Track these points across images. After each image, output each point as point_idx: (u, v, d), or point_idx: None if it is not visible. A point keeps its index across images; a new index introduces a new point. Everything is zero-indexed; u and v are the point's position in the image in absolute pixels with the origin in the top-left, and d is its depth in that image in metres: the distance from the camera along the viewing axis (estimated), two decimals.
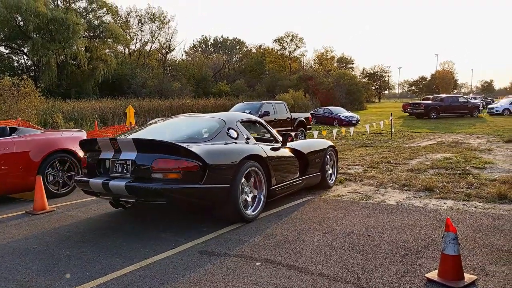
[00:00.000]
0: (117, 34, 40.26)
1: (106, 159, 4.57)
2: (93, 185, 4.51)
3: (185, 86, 43.96)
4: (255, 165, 4.78)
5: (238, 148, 4.78)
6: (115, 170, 4.46)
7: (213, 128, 5.02)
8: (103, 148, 4.61)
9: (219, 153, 4.51)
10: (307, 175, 6.02)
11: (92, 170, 4.74)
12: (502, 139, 13.55)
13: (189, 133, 5.01)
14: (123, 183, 4.19)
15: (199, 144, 4.50)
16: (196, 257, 3.72)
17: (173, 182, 4.11)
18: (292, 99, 38.23)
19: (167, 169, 4.15)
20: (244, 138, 5.14)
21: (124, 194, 4.27)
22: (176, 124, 5.62)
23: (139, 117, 26.29)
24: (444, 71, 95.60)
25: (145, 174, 4.24)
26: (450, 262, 2.98)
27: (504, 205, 5.28)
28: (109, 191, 4.36)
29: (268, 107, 15.42)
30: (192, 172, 4.15)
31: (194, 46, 69.37)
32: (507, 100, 31.49)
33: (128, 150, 4.37)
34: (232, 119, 5.30)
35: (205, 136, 4.90)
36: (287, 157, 5.58)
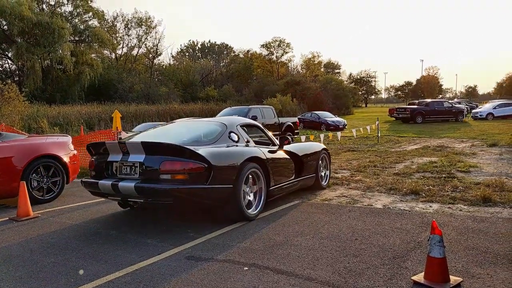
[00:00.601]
0: (103, 39, 39.97)
1: (114, 161, 4.73)
2: (102, 186, 4.67)
3: (172, 90, 43.81)
4: (255, 166, 5.00)
5: (240, 150, 4.98)
6: (123, 172, 4.64)
7: (215, 132, 5.23)
8: (111, 151, 4.78)
9: (223, 155, 4.72)
10: (302, 177, 6.25)
11: (99, 172, 4.91)
12: (486, 143, 13.78)
13: (193, 136, 5.16)
14: (132, 184, 4.36)
15: (204, 147, 4.69)
16: (183, 262, 3.69)
17: (180, 183, 4.29)
18: (280, 104, 38.35)
19: (174, 171, 4.33)
20: (244, 141, 5.37)
21: (133, 195, 4.42)
22: (179, 128, 5.80)
23: (125, 122, 26.08)
24: (429, 76, 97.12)
25: (153, 176, 4.41)
26: (436, 265, 3.01)
27: (488, 208, 5.36)
28: (119, 192, 4.51)
29: (256, 111, 15.46)
30: (198, 173, 4.34)
31: (181, 51, 69.29)
32: (491, 105, 32.11)
33: (137, 153, 4.54)
34: (232, 123, 5.53)
35: (208, 139, 5.06)
36: (284, 160, 5.78)
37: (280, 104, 38.09)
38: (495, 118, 29.06)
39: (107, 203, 6.45)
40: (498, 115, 29.40)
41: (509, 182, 6.86)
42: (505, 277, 3.18)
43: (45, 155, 6.64)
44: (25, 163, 6.36)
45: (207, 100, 40.94)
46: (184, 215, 5.40)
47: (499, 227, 4.46)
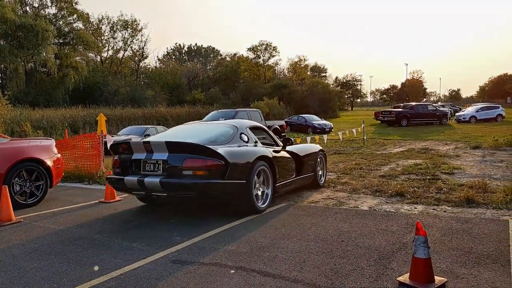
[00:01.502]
0: (88, 41, 39.58)
1: (138, 159, 5.13)
2: (128, 182, 5.06)
3: (158, 94, 43.55)
4: (264, 164, 5.49)
5: (251, 150, 5.47)
6: (147, 168, 5.06)
7: (228, 133, 5.70)
8: (135, 150, 5.22)
9: (238, 154, 5.18)
10: (302, 175, 6.67)
11: (124, 169, 5.32)
12: (469, 145, 14.03)
13: (208, 137, 5.57)
14: (158, 179, 4.79)
15: (220, 146, 5.14)
16: (169, 266, 3.65)
17: (200, 178, 4.75)
18: (267, 107, 38.46)
19: (195, 167, 4.79)
20: (253, 141, 5.85)
21: (157, 189, 4.87)
22: (194, 129, 6.28)
23: (111, 125, 25.81)
24: (414, 80, 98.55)
25: (175, 172, 4.85)
26: (421, 265, 3.03)
27: (471, 209, 5.44)
28: (144, 187, 4.94)
29: (243, 115, 15.45)
30: (217, 170, 4.81)
31: (167, 54, 69.02)
32: (474, 108, 32.73)
33: (160, 151, 4.98)
34: (242, 125, 6.07)
35: (222, 140, 5.51)
36: (287, 159, 6.25)
37: (267, 107, 38.21)
38: (478, 121, 29.61)
39: (92, 207, 6.36)
40: (481, 118, 29.98)
41: (492, 183, 6.98)
42: (489, 277, 3.22)
43: (27, 158, 6.52)
44: (7, 167, 6.23)
45: (193, 103, 40.79)
46: (170, 219, 5.36)
47: (483, 228, 4.53)
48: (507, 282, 3.12)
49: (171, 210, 5.97)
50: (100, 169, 9.03)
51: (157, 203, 6.40)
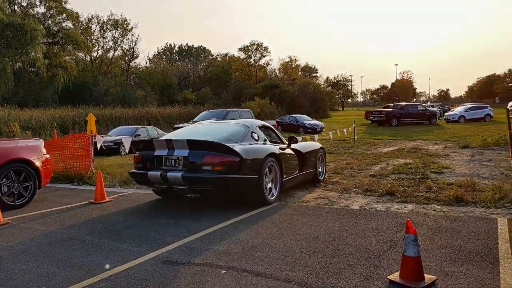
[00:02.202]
0: (77, 41, 39.18)
1: (160, 155, 5.52)
2: (151, 176, 5.49)
3: (149, 94, 43.27)
4: (273, 160, 5.93)
5: (262, 147, 5.96)
6: (168, 164, 5.48)
7: (241, 132, 6.13)
8: (157, 147, 5.62)
9: (251, 151, 5.61)
10: (304, 171, 7.06)
11: (146, 165, 5.72)
12: (458, 145, 14.18)
13: (224, 135, 5.98)
14: (180, 174, 5.25)
15: (235, 144, 5.58)
16: (159, 267, 3.62)
17: (218, 173, 5.20)
18: (258, 107, 38.47)
19: (214, 163, 5.23)
20: (262, 139, 6.32)
21: (179, 183, 5.31)
22: (209, 128, 6.66)
23: (100, 126, 25.59)
24: (404, 80, 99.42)
25: (196, 167, 5.28)
26: (411, 264, 3.05)
27: (461, 208, 5.49)
28: (166, 181, 5.38)
29: (234, 115, 15.45)
30: (233, 165, 5.26)
31: (158, 54, 68.63)
32: (463, 108, 33.10)
33: (181, 148, 5.40)
34: (253, 125, 6.52)
35: (236, 138, 5.92)
36: (292, 156, 6.69)
37: (259, 107, 38.22)
38: (466, 121, 29.95)
39: (81, 208, 6.30)
40: (470, 117, 30.33)
41: (481, 182, 7.06)
42: (478, 274, 3.25)
43: (15, 159, 6.42)
44: None
45: (185, 103, 40.65)
46: (160, 219, 5.33)
47: (471, 226, 4.58)
48: (495, 279, 3.15)
49: (162, 210, 5.94)
50: (90, 169, 8.95)
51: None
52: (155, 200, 6.71)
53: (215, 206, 6.08)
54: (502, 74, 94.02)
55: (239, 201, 5.94)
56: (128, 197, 7.08)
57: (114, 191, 7.68)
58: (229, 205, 6.05)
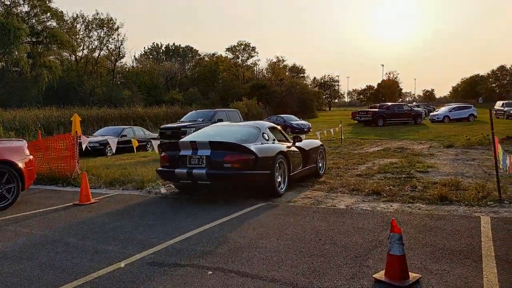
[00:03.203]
0: (62, 40, 38.66)
1: (185, 155, 6.20)
2: (178, 173, 6.18)
3: (135, 94, 42.91)
4: (282, 157, 6.59)
5: (273, 146, 6.68)
6: (192, 162, 6.15)
7: (254, 133, 6.84)
8: (182, 147, 6.31)
9: (264, 150, 6.32)
10: (307, 167, 7.71)
11: (171, 163, 6.37)
12: (443, 144, 14.39)
13: (240, 136, 6.67)
14: (204, 171, 5.96)
15: (250, 144, 6.26)
16: (145, 268, 3.59)
17: (237, 169, 5.92)
18: (246, 107, 38.47)
19: (233, 161, 5.93)
20: (272, 139, 7.02)
21: (203, 178, 6.00)
22: (224, 130, 7.38)
23: (86, 126, 25.29)
24: (390, 81, 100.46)
25: (217, 165, 5.99)
26: (395, 262, 3.08)
27: (445, 206, 5.57)
28: (192, 177, 6.07)
29: (222, 115, 15.37)
30: (249, 163, 5.96)
31: (145, 54, 67.99)
32: (447, 108, 33.60)
33: (204, 149, 6.11)
34: (263, 126, 7.26)
35: (250, 138, 6.63)
36: (297, 153, 7.36)
37: (246, 108, 38.22)
38: (451, 121, 30.41)
39: (66, 210, 6.20)
40: (454, 117, 30.81)
41: (464, 181, 7.17)
42: (461, 272, 3.30)
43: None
44: None
45: (172, 103, 40.38)
46: (147, 220, 5.29)
47: (455, 224, 4.65)
48: (478, 277, 3.20)
49: (148, 212, 5.89)
50: (75, 170, 8.82)
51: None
52: (141, 202, 6.65)
53: (202, 207, 6.06)
54: (485, 75, 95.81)
55: (231, 198, 6.40)
56: (114, 199, 7.01)
57: (100, 192, 7.59)
58: (216, 206, 6.04)
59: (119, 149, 15.21)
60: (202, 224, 4.99)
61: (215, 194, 6.96)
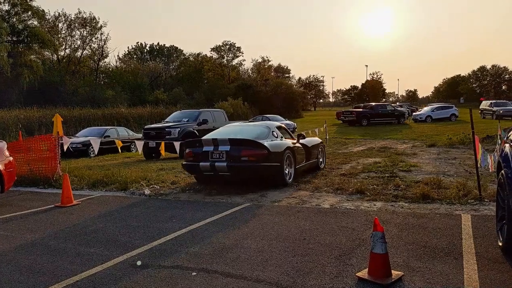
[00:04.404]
0: (44, 39, 37.97)
1: (207, 151, 7.05)
2: (202, 166, 7.01)
3: (119, 94, 42.38)
4: (289, 152, 7.50)
5: (281, 142, 7.60)
6: (214, 157, 7.00)
7: (265, 132, 7.76)
8: (205, 144, 7.18)
9: (275, 145, 7.20)
10: (310, 161, 8.60)
11: (195, 158, 7.21)
12: (425, 144, 14.61)
13: (254, 134, 7.54)
14: (225, 164, 6.83)
15: (263, 141, 7.12)
16: (128, 270, 3.55)
17: (253, 162, 6.82)
18: (231, 107, 38.43)
19: (250, 155, 6.83)
20: (280, 137, 7.93)
21: (224, 170, 6.86)
22: (240, 129, 8.22)
23: (68, 127, 24.88)
24: (373, 81, 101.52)
25: (236, 158, 6.85)
26: (378, 260, 3.11)
27: (427, 205, 5.65)
28: (214, 169, 6.91)
29: (207, 115, 15.28)
30: (263, 156, 6.82)
31: (129, 53, 67.21)
32: (429, 108, 34.16)
33: (224, 145, 6.98)
34: (272, 125, 8.23)
35: (262, 136, 7.50)
36: (301, 149, 8.24)
37: (232, 108, 38.18)
38: (433, 120, 30.92)
39: (47, 212, 6.09)
40: (436, 117, 31.33)
41: (446, 180, 7.29)
42: (442, 269, 3.35)
43: None
44: None
45: (156, 103, 40.00)
46: (130, 222, 5.23)
47: (437, 222, 4.72)
48: (459, 274, 3.25)
49: (132, 213, 5.83)
50: (56, 172, 8.67)
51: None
52: (125, 203, 6.58)
53: (187, 208, 6.02)
54: (466, 75, 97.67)
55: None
56: (97, 200, 6.91)
57: (82, 194, 7.47)
58: (201, 206, 6.01)
59: (102, 150, 15.03)
60: (186, 225, 4.96)
61: (200, 195, 6.93)
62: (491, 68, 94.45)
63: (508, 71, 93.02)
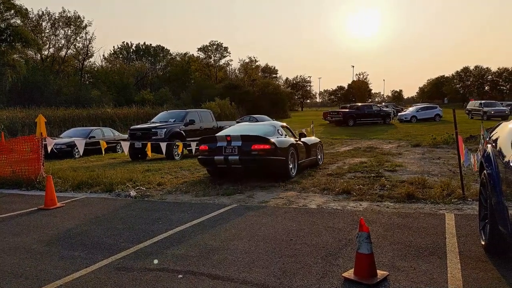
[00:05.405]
0: (27, 38, 37.37)
1: (221, 146, 7.87)
2: (216, 159, 7.80)
3: (105, 94, 41.94)
4: (293, 148, 8.33)
5: (286, 139, 8.43)
6: (227, 151, 7.78)
7: (272, 130, 8.58)
8: (219, 140, 7.99)
9: (280, 141, 8.04)
10: (309, 158, 9.41)
11: (210, 152, 7.96)
12: (410, 143, 14.79)
13: (262, 131, 8.34)
14: (237, 157, 7.63)
15: (271, 137, 7.93)
16: (113, 274, 3.50)
17: (262, 156, 7.60)
18: (219, 107, 38.32)
19: (259, 149, 7.60)
20: (284, 134, 8.75)
21: (236, 162, 7.66)
22: (249, 127, 9.21)
23: (53, 128, 24.49)
24: (360, 81, 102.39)
25: (246, 152, 7.64)
26: (364, 260, 3.14)
27: (412, 204, 5.72)
28: (228, 162, 7.72)
29: (194, 115, 15.19)
30: (271, 151, 7.62)
31: (114, 53, 66.52)
32: (414, 108, 34.60)
33: (236, 141, 7.80)
34: (277, 125, 9.11)
35: (269, 133, 8.28)
36: (302, 146, 9.00)
37: (219, 108, 38.07)
38: (418, 121, 31.31)
39: (30, 215, 5.98)
40: (421, 117, 31.75)
41: (430, 179, 7.39)
42: (426, 268, 3.40)
43: None
44: None
45: (142, 103, 39.59)
46: (115, 224, 5.17)
47: (421, 222, 4.78)
48: (443, 273, 3.30)
49: (117, 215, 5.76)
50: (40, 173, 8.52)
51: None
52: (110, 205, 6.50)
53: (173, 209, 5.98)
54: (450, 76, 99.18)
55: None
56: (81, 202, 6.82)
57: (66, 196, 7.36)
58: (188, 208, 5.98)
59: (88, 151, 14.82)
60: (173, 226, 4.93)
61: (187, 196, 6.89)
62: (474, 69, 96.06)
63: (491, 72, 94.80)
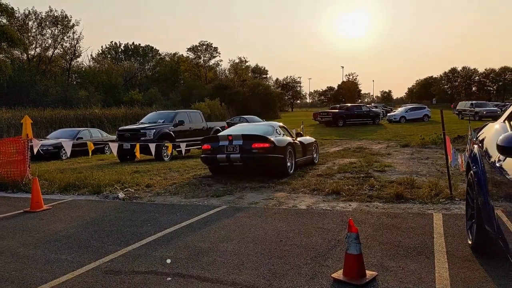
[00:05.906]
0: (13, 38, 36.86)
1: (223, 145, 8.27)
2: (219, 157, 8.19)
3: (92, 94, 41.52)
4: (290, 147, 8.75)
5: (284, 138, 8.86)
6: (228, 150, 8.19)
7: (270, 129, 9.04)
8: (221, 139, 8.38)
9: (279, 140, 8.47)
10: (306, 156, 9.85)
11: (212, 151, 8.37)
12: (399, 144, 14.92)
13: (262, 131, 8.80)
14: (238, 155, 8.04)
15: (270, 136, 8.34)
16: (100, 277, 3.46)
17: (261, 153, 7.99)
18: (208, 108, 38.23)
19: (259, 148, 7.99)
20: (282, 134, 9.13)
21: (238, 160, 8.07)
22: (249, 127, 9.73)
23: (39, 129, 24.18)
24: (349, 82, 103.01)
25: (247, 151, 8.03)
26: (353, 261, 3.14)
27: (400, 204, 5.76)
28: (229, 160, 8.11)
29: (183, 116, 15.11)
30: (270, 149, 8.01)
31: (102, 53, 65.89)
32: (403, 108, 34.95)
33: (237, 140, 8.19)
34: (275, 125, 9.57)
35: (268, 133, 8.71)
36: (299, 145, 9.41)
37: (209, 109, 37.98)
38: (407, 121, 31.63)
39: (15, 217, 5.88)
40: (410, 118, 32.08)
41: (419, 179, 7.45)
42: (415, 268, 3.42)
43: None
44: None
45: (131, 104, 39.33)
46: (103, 227, 5.10)
47: (410, 222, 4.81)
48: (431, 272, 3.32)
49: (105, 218, 5.69)
50: (26, 176, 8.39)
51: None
52: (98, 207, 6.43)
53: (161, 211, 5.94)
54: (438, 77, 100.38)
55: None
56: (68, 205, 6.73)
57: (53, 198, 7.26)
58: (177, 210, 5.94)
59: (75, 152, 14.64)
60: (161, 229, 4.89)
61: (176, 198, 6.85)
62: (462, 70, 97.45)
63: (478, 73, 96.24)
